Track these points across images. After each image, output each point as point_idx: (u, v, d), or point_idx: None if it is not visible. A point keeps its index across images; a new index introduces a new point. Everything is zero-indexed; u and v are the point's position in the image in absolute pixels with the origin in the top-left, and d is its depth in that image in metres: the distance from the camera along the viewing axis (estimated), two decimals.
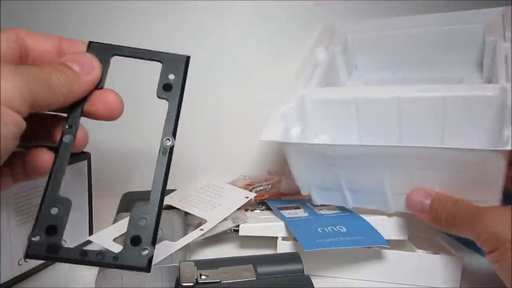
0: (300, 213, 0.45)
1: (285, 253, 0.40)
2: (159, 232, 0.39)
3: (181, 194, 0.49)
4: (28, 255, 0.25)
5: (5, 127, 0.22)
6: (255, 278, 0.31)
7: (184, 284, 0.30)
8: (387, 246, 0.38)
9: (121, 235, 0.38)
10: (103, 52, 0.29)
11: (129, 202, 0.47)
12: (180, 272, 0.31)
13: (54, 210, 0.26)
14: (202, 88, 0.60)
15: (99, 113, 0.28)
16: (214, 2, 0.57)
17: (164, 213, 0.44)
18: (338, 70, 0.52)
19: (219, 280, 0.31)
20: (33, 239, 0.26)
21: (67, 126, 0.28)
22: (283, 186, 0.56)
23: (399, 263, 0.40)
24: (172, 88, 0.30)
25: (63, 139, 0.28)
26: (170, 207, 0.46)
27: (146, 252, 0.26)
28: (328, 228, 0.40)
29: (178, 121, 0.29)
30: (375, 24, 0.53)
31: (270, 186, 0.55)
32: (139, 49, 0.30)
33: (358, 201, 0.42)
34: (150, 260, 0.26)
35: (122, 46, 0.30)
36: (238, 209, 0.46)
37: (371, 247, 0.40)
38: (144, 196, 0.50)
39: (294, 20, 0.58)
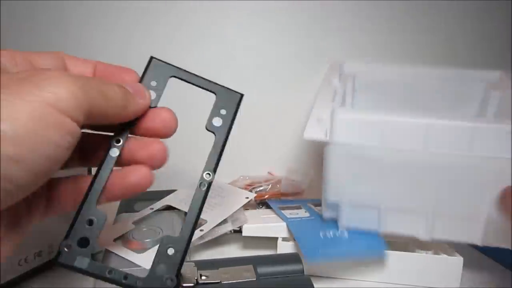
0: (302, 213, 0.46)
1: (285, 254, 0.40)
2: (159, 232, 0.39)
3: (181, 194, 0.49)
4: (58, 263, 0.26)
5: (60, 135, 0.21)
6: (255, 279, 0.31)
7: (184, 285, 0.30)
8: (385, 251, 0.38)
9: (121, 236, 0.38)
10: (162, 70, 0.29)
11: (129, 203, 0.47)
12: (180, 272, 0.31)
13: (89, 222, 0.26)
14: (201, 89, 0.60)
15: (154, 130, 0.28)
16: (214, 2, 0.57)
17: (164, 213, 0.45)
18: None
19: (219, 281, 0.31)
20: (65, 248, 0.26)
21: (115, 141, 0.27)
22: (283, 186, 0.56)
23: (400, 264, 0.40)
24: (222, 123, 0.30)
25: (109, 153, 0.27)
26: (170, 207, 0.46)
27: (169, 282, 0.26)
28: (330, 232, 0.40)
29: (221, 157, 0.30)
30: (380, 68, 0.53)
31: (270, 186, 0.55)
32: (197, 76, 0.30)
33: (394, 223, 0.39)
34: None
35: (181, 69, 0.30)
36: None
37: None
38: (144, 196, 0.50)
39: (294, 20, 0.58)
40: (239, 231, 0.44)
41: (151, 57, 0.30)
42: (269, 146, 0.62)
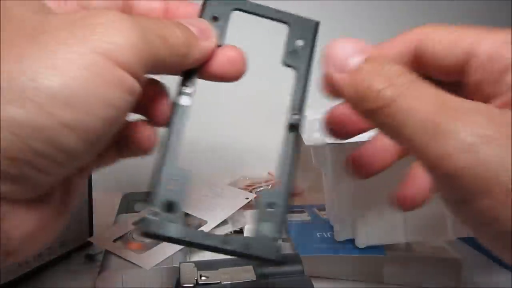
0: (304, 217, 0.46)
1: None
2: None
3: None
4: (146, 234, 0.22)
5: (119, 93, 0.18)
6: (255, 279, 0.31)
7: (184, 285, 0.30)
8: (385, 256, 0.38)
9: (121, 236, 0.38)
10: (222, 7, 0.26)
11: (129, 203, 0.47)
12: (180, 273, 0.31)
13: (174, 184, 0.23)
14: (202, 88, 0.60)
15: (222, 73, 0.24)
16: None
17: None
18: None
19: (219, 281, 0.31)
20: (152, 216, 0.22)
21: (183, 87, 0.24)
22: None
23: (399, 264, 0.40)
24: (300, 55, 0.27)
25: (179, 102, 0.24)
26: None
27: (276, 242, 0.22)
28: (328, 233, 0.40)
29: (306, 94, 0.25)
30: None
31: (270, 186, 0.55)
32: (265, 6, 0.27)
33: (415, 231, 0.38)
34: (279, 250, 0.22)
35: (244, 1, 0.27)
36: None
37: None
38: (144, 196, 0.50)
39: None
40: (239, 232, 0.44)
41: None
42: (269, 146, 0.62)
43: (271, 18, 0.27)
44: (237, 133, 0.60)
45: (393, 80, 0.18)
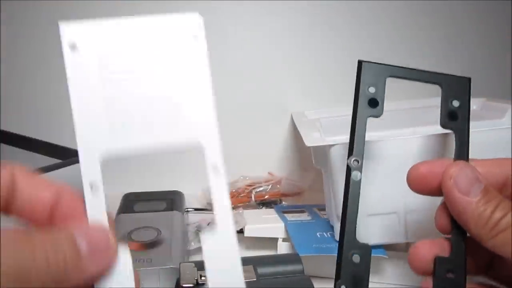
0: (304, 216, 0.46)
1: (285, 254, 0.41)
2: (158, 232, 0.39)
3: None
4: None
5: None
6: (255, 279, 0.31)
7: (184, 285, 0.30)
8: (385, 257, 0.38)
9: (122, 236, 0.38)
10: (377, 72, 0.27)
11: (129, 203, 0.47)
12: (180, 273, 0.31)
13: (356, 258, 0.25)
14: None
15: None
16: (215, 2, 0.57)
17: (164, 214, 0.45)
18: None
19: None
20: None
21: (354, 160, 0.26)
22: (283, 186, 0.56)
23: (399, 264, 0.40)
24: (458, 117, 0.27)
25: (352, 177, 0.26)
26: (170, 208, 0.46)
27: None
28: (328, 233, 0.40)
29: (468, 154, 0.27)
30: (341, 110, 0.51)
31: (270, 186, 0.55)
32: (415, 70, 0.27)
33: (415, 231, 0.38)
34: None
35: (398, 66, 0.27)
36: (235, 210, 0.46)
37: None
38: (144, 196, 0.50)
39: (294, 20, 0.58)
40: (239, 232, 0.44)
41: (360, 61, 0.27)
42: (269, 146, 0.62)
43: (423, 81, 0.27)
44: (237, 133, 0.60)
45: (506, 213, 0.24)
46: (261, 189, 0.55)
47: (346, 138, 0.36)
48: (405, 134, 0.35)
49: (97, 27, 0.22)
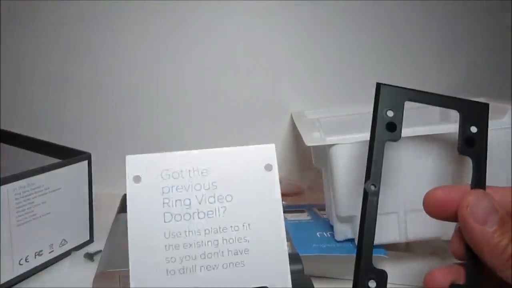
0: (304, 216, 0.46)
1: None
2: None
3: None
4: None
5: None
6: None
7: None
8: (385, 257, 0.38)
9: (122, 236, 0.38)
10: (395, 96, 0.27)
11: None
12: None
13: (372, 283, 0.25)
14: (202, 88, 0.60)
15: None
16: (214, 2, 0.57)
17: None
18: None
19: None
20: None
21: (371, 185, 0.26)
22: (283, 186, 0.55)
23: (399, 264, 0.40)
24: (476, 143, 0.27)
25: (368, 202, 0.26)
26: None
27: None
28: (328, 233, 0.41)
29: (485, 182, 0.26)
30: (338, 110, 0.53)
31: None
32: (434, 94, 0.27)
33: (415, 231, 0.37)
34: None
35: (415, 90, 0.27)
36: None
37: None
38: None
39: (294, 20, 0.58)
40: None
41: (379, 84, 0.27)
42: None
43: (442, 106, 0.28)
44: (237, 132, 0.60)
45: None
46: None
47: (346, 138, 0.37)
48: (405, 134, 0.35)
49: (162, 158, 0.21)
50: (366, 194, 0.26)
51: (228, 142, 0.31)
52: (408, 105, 0.47)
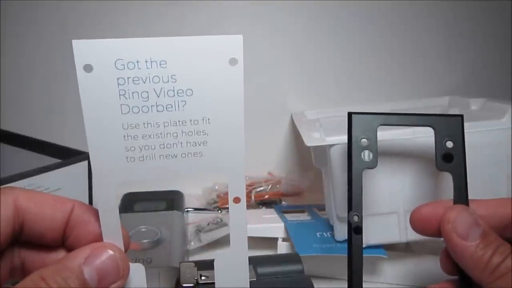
0: (304, 216, 0.46)
1: (285, 254, 0.41)
2: (158, 233, 0.39)
3: None
4: None
5: None
6: (255, 279, 0.31)
7: (184, 285, 0.30)
8: (385, 257, 0.38)
9: None
10: (367, 122, 0.27)
11: (129, 203, 0.47)
12: (180, 272, 0.31)
13: None
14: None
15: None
16: (214, 2, 0.57)
17: (164, 214, 0.45)
18: None
19: None
20: None
21: (354, 215, 0.26)
22: (283, 186, 0.56)
23: (399, 264, 0.40)
24: (454, 158, 0.26)
25: (353, 241, 0.26)
26: (170, 208, 0.46)
27: None
28: (328, 233, 0.41)
29: (467, 196, 0.26)
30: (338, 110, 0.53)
31: (270, 186, 0.55)
32: (406, 114, 0.27)
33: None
34: None
35: (386, 114, 0.27)
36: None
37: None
38: (144, 196, 0.50)
39: (294, 20, 0.58)
40: None
41: (350, 113, 0.27)
42: (269, 146, 0.62)
43: (414, 125, 0.27)
44: None
45: (506, 257, 0.23)
46: (261, 189, 0.55)
47: (346, 138, 0.37)
48: (405, 134, 0.35)
49: (115, 46, 0.20)
50: (350, 226, 0.26)
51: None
52: (413, 105, 0.48)
